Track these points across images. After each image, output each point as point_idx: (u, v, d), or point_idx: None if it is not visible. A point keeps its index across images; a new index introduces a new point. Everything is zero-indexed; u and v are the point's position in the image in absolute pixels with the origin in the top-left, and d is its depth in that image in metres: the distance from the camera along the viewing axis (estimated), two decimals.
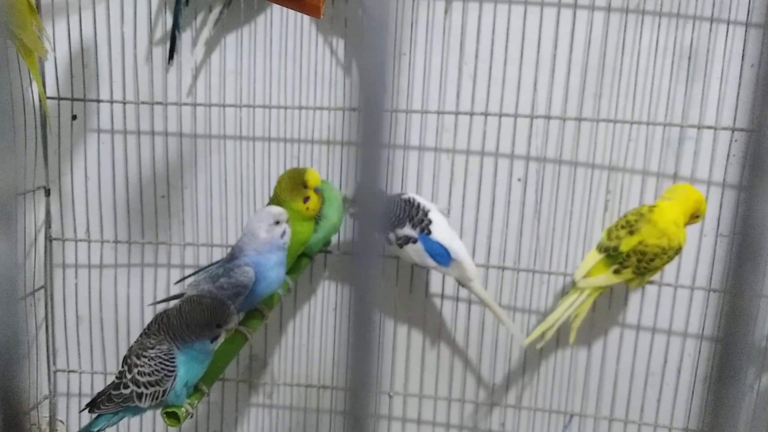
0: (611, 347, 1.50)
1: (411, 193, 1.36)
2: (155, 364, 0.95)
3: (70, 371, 1.57)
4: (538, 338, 1.35)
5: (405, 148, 1.46)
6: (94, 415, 1.02)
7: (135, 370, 0.96)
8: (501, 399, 1.54)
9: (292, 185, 1.25)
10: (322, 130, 1.47)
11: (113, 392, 0.98)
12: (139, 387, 0.96)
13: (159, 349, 0.96)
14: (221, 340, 1.00)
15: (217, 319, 0.98)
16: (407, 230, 1.31)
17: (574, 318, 1.34)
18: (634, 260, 1.29)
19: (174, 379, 0.96)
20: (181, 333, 0.97)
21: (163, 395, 0.96)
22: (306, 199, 1.24)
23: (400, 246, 1.32)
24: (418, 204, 1.33)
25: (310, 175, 1.24)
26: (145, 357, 0.96)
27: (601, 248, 1.33)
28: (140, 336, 1.01)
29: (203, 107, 1.46)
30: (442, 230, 1.32)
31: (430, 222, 1.31)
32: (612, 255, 1.31)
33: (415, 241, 1.31)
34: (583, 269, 1.33)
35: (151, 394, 0.96)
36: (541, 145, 1.43)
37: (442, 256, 1.31)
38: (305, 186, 1.24)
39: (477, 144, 1.45)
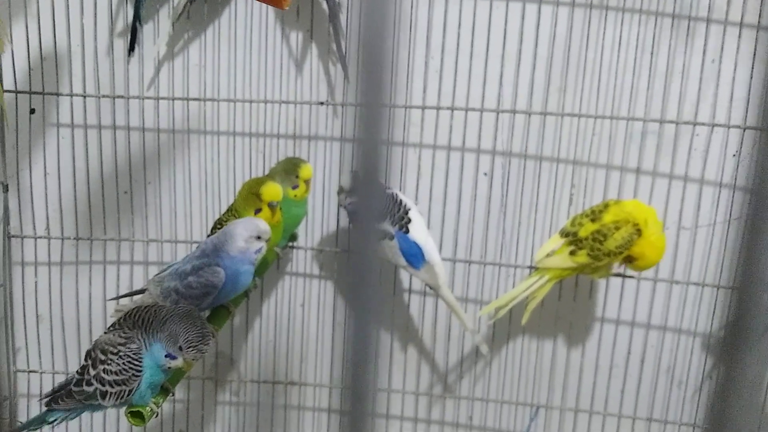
0: (576, 340, 1.52)
1: (395, 189, 1.36)
2: (123, 363, 0.93)
3: (30, 371, 1.53)
4: (491, 313, 1.36)
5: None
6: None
7: (101, 368, 0.94)
8: (468, 392, 1.55)
9: (248, 194, 1.24)
10: (288, 124, 1.45)
11: (74, 388, 0.96)
12: (104, 385, 0.94)
13: (128, 347, 0.94)
14: (179, 363, 0.97)
15: (197, 342, 0.95)
16: (385, 225, 1.30)
17: (531, 300, 1.36)
18: (590, 241, 1.30)
19: (140, 380, 0.94)
20: (156, 335, 0.95)
21: (128, 395, 0.94)
22: (257, 211, 1.23)
23: None
24: (401, 201, 1.32)
25: (268, 188, 1.23)
26: (113, 354, 0.94)
27: (563, 233, 1.35)
28: (109, 329, 0.98)
29: (166, 101, 1.44)
30: (420, 231, 1.32)
31: (409, 221, 1.31)
32: (572, 241, 1.32)
33: (392, 238, 1.30)
34: (543, 250, 1.35)
35: (115, 393, 0.94)
36: (506, 139, 1.44)
37: (416, 257, 1.31)
38: (259, 198, 1.23)
39: (443, 138, 1.45)
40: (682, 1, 1.35)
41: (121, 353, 0.94)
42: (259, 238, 1.13)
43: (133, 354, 0.94)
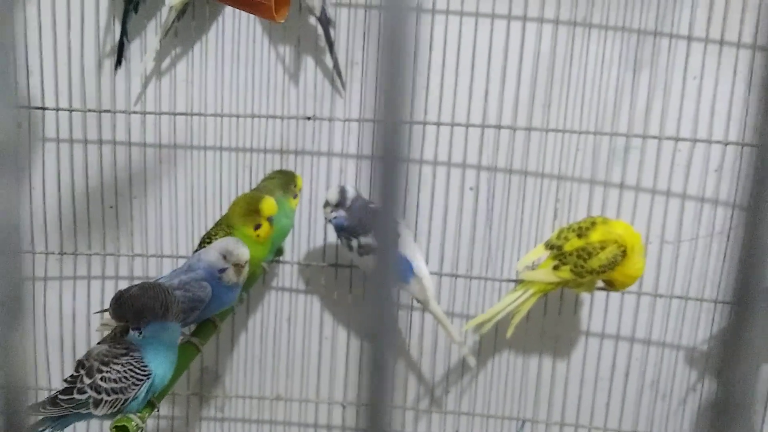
0: (561, 353, 1.52)
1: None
2: (125, 371, 0.92)
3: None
4: (476, 327, 1.37)
5: (357, 157, 1.46)
6: (38, 418, 0.98)
7: (98, 376, 0.93)
8: (455, 406, 1.55)
9: (246, 211, 1.24)
10: (275, 138, 1.46)
11: (61, 396, 0.95)
12: (99, 393, 0.93)
13: (131, 356, 0.94)
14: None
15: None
16: (371, 240, 1.31)
17: (516, 314, 1.36)
18: (574, 257, 1.31)
19: (140, 389, 0.94)
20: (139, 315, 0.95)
21: (123, 404, 0.94)
22: (257, 227, 1.23)
23: (361, 254, 1.32)
24: None
25: (266, 203, 1.23)
26: (116, 363, 0.93)
27: (548, 245, 1.35)
28: (104, 340, 0.98)
29: (153, 115, 1.44)
30: (407, 245, 1.32)
31: (397, 235, 1.31)
32: (557, 254, 1.33)
33: None
34: (526, 260, 1.36)
35: (111, 401, 0.93)
36: (492, 154, 1.45)
37: (404, 271, 1.31)
38: (258, 214, 1.23)
39: (430, 153, 1.46)
40: (664, 19, 1.38)
41: (124, 361, 0.93)
42: (225, 259, 1.12)
43: (136, 362, 0.93)
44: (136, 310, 0.95)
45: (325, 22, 1.37)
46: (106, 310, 1.30)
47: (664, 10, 1.37)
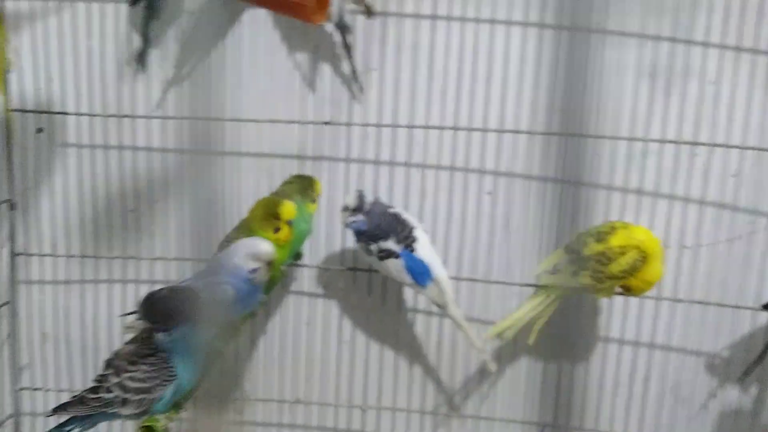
0: (581, 358, 1.52)
1: (398, 208, 1.37)
2: (152, 371, 0.94)
3: (34, 389, 1.53)
4: (498, 335, 1.36)
5: (376, 163, 1.47)
6: (65, 418, 0.99)
7: (125, 375, 0.94)
8: (474, 411, 1.55)
9: (265, 215, 1.26)
10: (293, 144, 1.47)
11: (89, 395, 0.96)
12: (126, 392, 0.94)
13: (158, 356, 0.95)
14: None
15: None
16: (390, 244, 1.31)
17: (538, 319, 1.36)
18: (593, 262, 1.30)
19: (166, 390, 0.95)
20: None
21: (150, 404, 0.95)
22: (277, 230, 1.25)
23: (381, 259, 1.32)
24: (405, 220, 1.33)
25: (286, 207, 1.25)
26: (143, 363, 0.94)
27: (567, 249, 1.35)
28: (132, 341, 0.99)
29: (173, 121, 1.45)
30: (425, 249, 1.33)
31: (414, 239, 1.32)
32: (576, 259, 1.33)
33: (397, 257, 1.31)
34: (545, 264, 1.35)
35: (137, 401, 0.94)
36: (510, 159, 1.45)
37: (422, 275, 1.32)
38: (277, 218, 1.25)
39: (447, 158, 1.46)
40: (679, 24, 1.38)
41: (150, 362, 0.94)
42: (257, 258, 1.13)
43: (162, 363, 0.95)
44: (165, 312, 0.96)
45: (343, 28, 1.38)
46: (131, 313, 1.32)
47: (680, 15, 1.37)
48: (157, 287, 1.44)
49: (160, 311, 0.96)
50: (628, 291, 1.35)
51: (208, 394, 1.48)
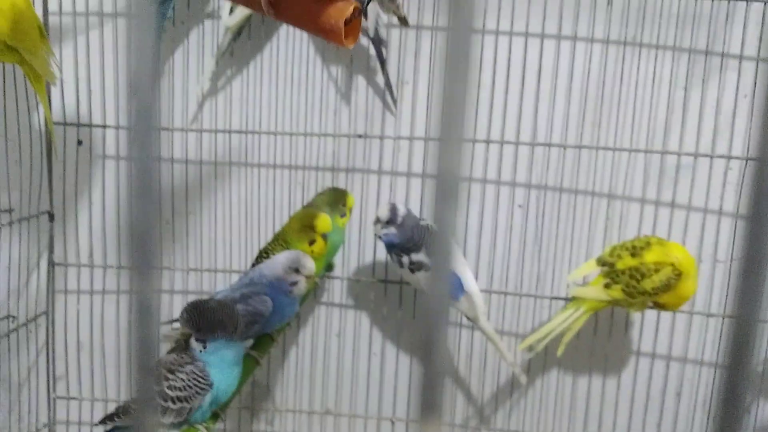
0: (611, 372, 1.52)
1: (430, 221, 1.38)
2: (189, 380, 0.95)
3: (70, 398, 1.55)
4: (529, 347, 1.36)
5: (408, 175, 1.48)
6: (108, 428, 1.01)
7: (165, 384, 0.96)
8: (503, 424, 1.55)
9: (301, 227, 1.27)
10: (326, 156, 1.49)
11: (132, 405, 0.97)
12: (165, 401, 0.96)
13: (196, 365, 0.96)
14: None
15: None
16: (422, 257, 1.32)
17: (567, 332, 1.36)
18: (626, 278, 1.29)
19: (203, 398, 0.96)
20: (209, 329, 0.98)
21: (188, 413, 0.96)
22: (312, 242, 1.27)
23: (412, 271, 1.33)
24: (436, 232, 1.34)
25: (321, 220, 1.27)
26: (181, 372, 0.96)
27: (600, 261, 1.34)
28: (172, 350, 1.00)
29: (209, 133, 1.48)
30: (457, 262, 1.33)
31: None
32: (608, 272, 1.32)
33: (428, 269, 1.32)
34: (578, 273, 1.35)
35: (177, 410, 0.96)
36: (541, 172, 1.46)
37: (454, 288, 1.32)
38: (313, 230, 1.26)
39: (479, 171, 1.47)
40: (715, 38, 1.38)
41: (187, 371, 0.96)
42: (297, 271, 1.15)
43: (199, 371, 0.96)
44: (210, 323, 0.97)
45: (378, 42, 1.40)
46: (171, 322, 1.34)
47: (715, 28, 1.37)
48: (191, 298, 1.47)
49: (206, 321, 0.98)
50: (660, 307, 1.34)
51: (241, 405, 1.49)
